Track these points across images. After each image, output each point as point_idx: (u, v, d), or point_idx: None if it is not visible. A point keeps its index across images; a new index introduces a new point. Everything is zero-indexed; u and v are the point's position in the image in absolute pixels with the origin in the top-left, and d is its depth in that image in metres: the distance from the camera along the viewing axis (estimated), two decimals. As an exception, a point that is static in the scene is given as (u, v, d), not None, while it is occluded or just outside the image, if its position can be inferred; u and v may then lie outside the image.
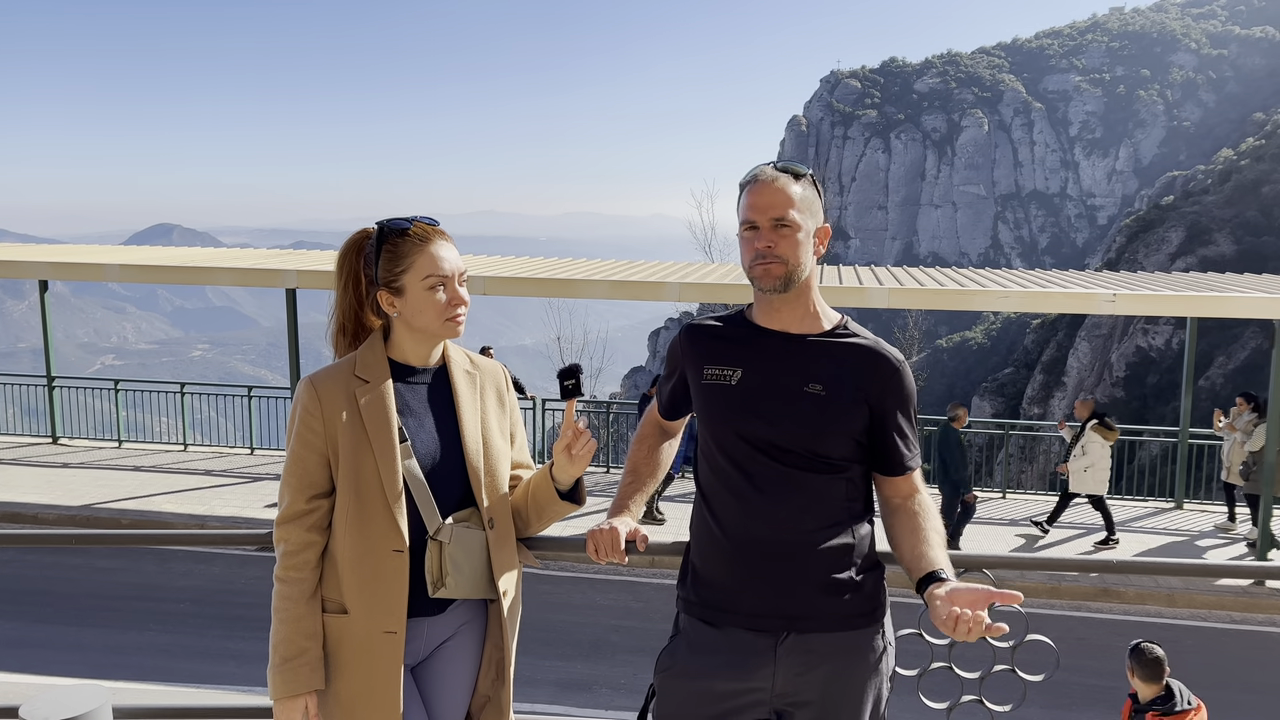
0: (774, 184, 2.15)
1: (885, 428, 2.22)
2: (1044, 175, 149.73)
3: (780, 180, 2.16)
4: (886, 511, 2.30)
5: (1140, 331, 59.48)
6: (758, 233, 2.15)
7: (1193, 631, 9.14)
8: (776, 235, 2.14)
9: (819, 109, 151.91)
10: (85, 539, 3.05)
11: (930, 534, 2.18)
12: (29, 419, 15.97)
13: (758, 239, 2.15)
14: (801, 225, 2.15)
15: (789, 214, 2.13)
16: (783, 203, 2.13)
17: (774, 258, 2.14)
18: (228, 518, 11.43)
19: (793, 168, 2.19)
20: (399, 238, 2.27)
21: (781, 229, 2.14)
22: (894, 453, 2.24)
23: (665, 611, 9.01)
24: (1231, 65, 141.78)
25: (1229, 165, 78.17)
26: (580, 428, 2.33)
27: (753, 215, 2.16)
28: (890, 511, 2.28)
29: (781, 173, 2.17)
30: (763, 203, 2.14)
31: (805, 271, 2.18)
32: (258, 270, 12.98)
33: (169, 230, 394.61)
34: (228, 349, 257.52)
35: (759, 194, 2.15)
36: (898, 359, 2.23)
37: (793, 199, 2.14)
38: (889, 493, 2.29)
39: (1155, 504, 13.21)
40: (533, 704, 7.02)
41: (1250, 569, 2.85)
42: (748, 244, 2.17)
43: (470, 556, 2.31)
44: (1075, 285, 11.85)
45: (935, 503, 2.28)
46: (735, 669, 2.20)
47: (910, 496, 2.26)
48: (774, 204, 2.13)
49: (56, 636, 8.28)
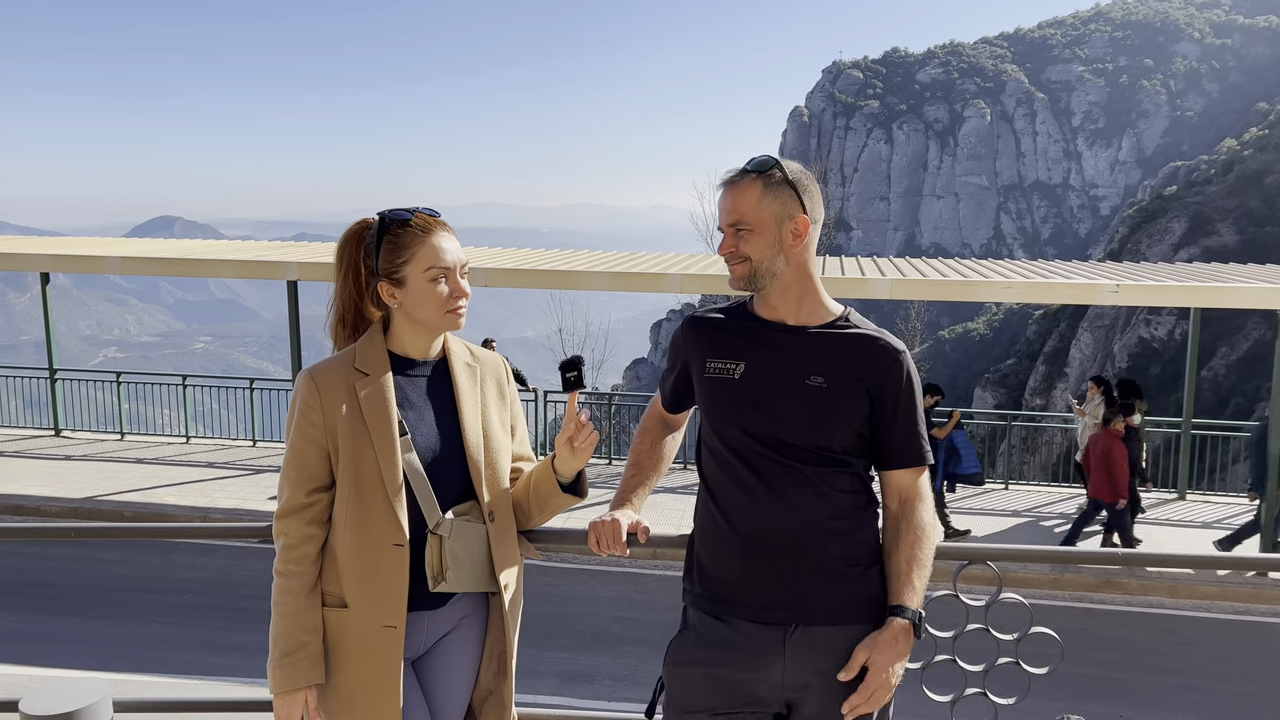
0: (732, 187, 2.21)
1: (883, 418, 2.21)
2: (1047, 166, 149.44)
3: (742, 182, 2.20)
4: (885, 516, 2.28)
5: (1143, 322, 59.44)
6: (724, 237, 2.23)
7: (1196, 622, 9.13)
8: (737, 239, 2.20)
9: (821, 99, 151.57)
10: (87, 531, 3.05)
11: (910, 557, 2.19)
12: (31, 411, 15.98)
13: (723, 243, 2.23)
14: (761, 225, 2.18)
15: (744, 217, 2.18)
16: (738, 206, 2.19)
17: (737, 258, 2.21)
18: (230, 510, 11.44)
19: (762, 164, 2.20)
20: (400, 229, 2.25)
21: (741, 231, 2.19)
22: (889, 445, 2.23)
23: (667, 603, 9.03)
24: (1235, 55, 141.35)
25: (1232, 155, 77.96)
26: (582, 420, 2.32)
27: (720, 220, 2.24)
28: (886, 518, 2.27)
29: (747, 172, 2.20)
30: (724, 206, 2.22)
31: (775, 268, 2.20)
32: (259, 262, 12.97)
33: (170, 223, 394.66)
34: (230, 341, 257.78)
35: (722, 198, 2.22)
36: (897, 348, 2.23)
37: (750, 200, 2.18)
38: (887, 493, 2.27)
39: (1158, 495, 13.19)
40: (535, 695, 7.02)
41: (1254, 560, 2.84)
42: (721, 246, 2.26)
43: (470, 550, 2.30)
44: (1078, 276, 11.81)
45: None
46: (745, 662, 2.20)
47: (905, 503, 2.24)
48: (732, 207, 2.20)
49: (58, 629, 8.29)
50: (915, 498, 2.25)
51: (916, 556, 2.19)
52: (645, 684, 7.46)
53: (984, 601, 2.64)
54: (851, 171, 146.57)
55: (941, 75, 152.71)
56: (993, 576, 2.61)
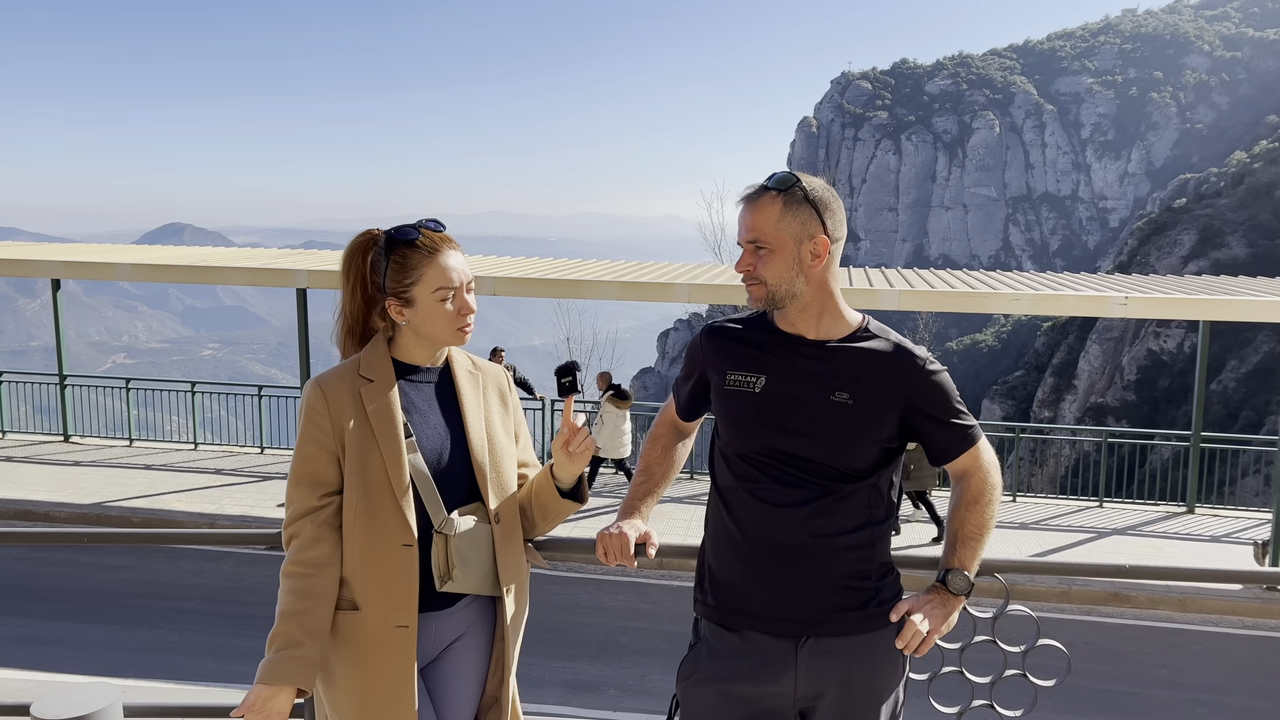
0: (752, 205, 2.17)
1: (923, 426, 2.23)
2: (1055, 177, 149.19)
3: (761, 200, 2.15)
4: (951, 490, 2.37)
5: (1152, 335, 59.29)
6: (742, 254, 2.20)
7: (1204, 636, 9.09)
8: (755, 258, 2.17)
9: (830, 110, 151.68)
10: (96, 537, 3.06)
11: (955, 531, 2.28)
12: (41, 417, 16.05)
13: (741, 260, 2.20)
14: (780, 245, 2.14)
15: (765, 238, 2.15)
16: (758, 225, 2.15)
17: (753, 279, 2.18)
18: (238, 516, 11.46)
19: (783, 181, 2.16)
20: (407, 248, 2.26)
21: (759, 251, 2.16)
22: (935, 445, 2.27)
23: (674, 613, 9.03)
24: (1245, 67, 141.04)
25: (1242, 168, 77.79)
26: (577, 425, 2.32)
27: (738, 237, 2.20)
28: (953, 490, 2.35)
29: (766, 189, 2.16)
30: (743, 224, 2.18)
31: (794, 289, 2.17)
32: (268, 270, 13.01)
33: (180, 230, 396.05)
34: (238, 348, 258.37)
35: (741, 215, 2.19)
36: (922, 357, 2.22)
37: (770, 219, 2.14)
38: (950, 475, 2.35)
39: (1167, 508, 13.14)
40: (540, 705, 7.01)
41: (1263, 575, 2.84)
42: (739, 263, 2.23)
43: (477, 550, 2.31)
44: (1087, 288, 11.80)
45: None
46: (757, 674, 2.20)
47: (962, 480, 2.30)
48: (751, 226, 2.16)
49: (67, 634, 8.31)
50: (970, 473, 2.29)
51: (965, 528, 2.26)
52: (651, 694, 7.45)
53: (991, 613, 2.63)
54: (860, 182, 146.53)
55: (950, 86, 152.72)
56: (1000, 589, 2.60)
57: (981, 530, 2.25)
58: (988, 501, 2.26)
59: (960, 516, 2.27)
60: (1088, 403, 60.86)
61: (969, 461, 2.27)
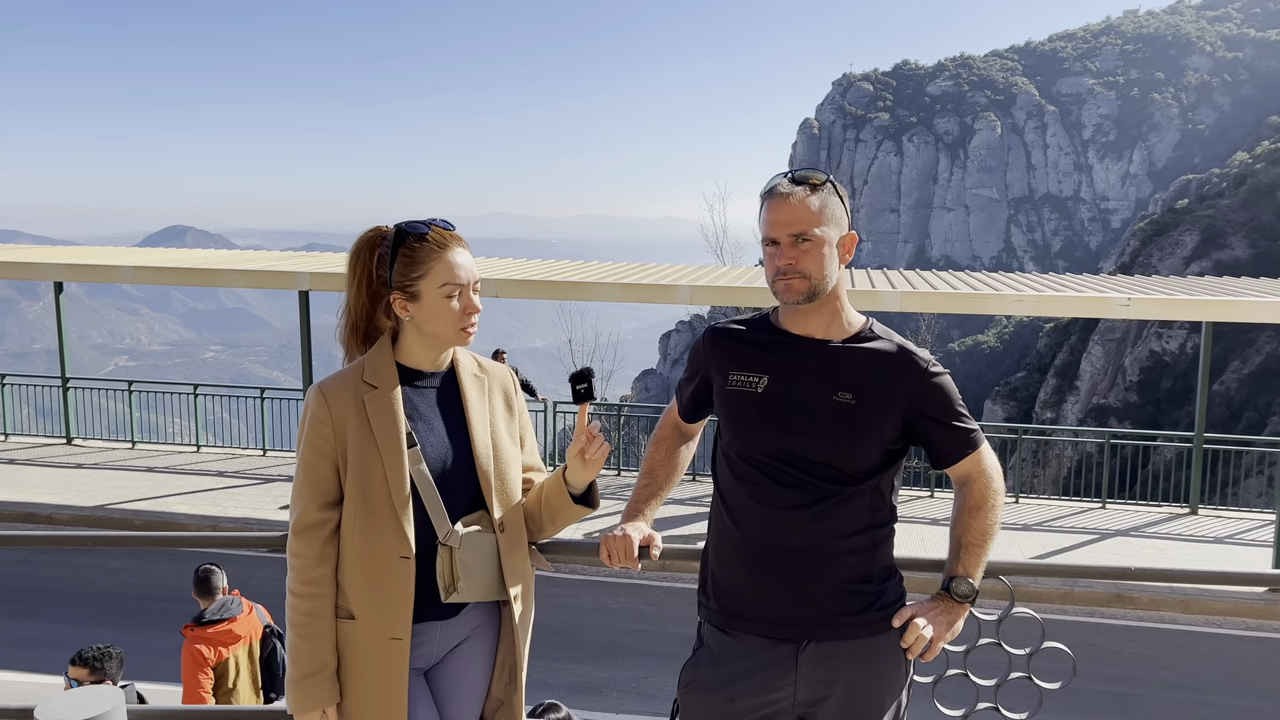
0: (790, 199, 2.13)
1: (925, 429, 2.22)
2: (1057, 178, 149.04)
3: (797, 194, 2.13)
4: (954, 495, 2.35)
5: (1154, 336, 59.20)
6: (779, 249, 2.14)
7: (1208, 638, 9.07)
8: (797, 251, 2.13)
9: (831, 111, 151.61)
10: (99, 540, 3.06)
11: (959, 537, 2.26)
12: (43, 419, 16.06)
13: (779, 255, 2.14)
14: (824, 238, 2.13)
15: (810, 230, 2.12)
16: (802, 218, 2.12)
17: (795, 273, 2.13)
18: (240, 519, 11.46)
19: (811, 176, 2.16)
20: (417, 243, 2.26)
21: (803, 244, 2.13)
22: (937, 448, 2.26)
23: (676, 615, 9.02)
24: (1247, 68, 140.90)
25: (1244, 169, 77.68)
26: (593, 431, 2.31)
27: (773, 232, 2.15)
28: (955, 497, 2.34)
29: (798, 184, 2.14)
30: (782, 219, 2.13)
31: (831, 283, 2.17)
32: (271, 272, 13.02)
33: (182, 232, 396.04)
34: (240, 351, 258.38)
35: (778, 209, 2.14)
36: (925, 360, 2.21)
37: (812, 212, 2.12)
38: (952, 479, 2.34)
39: (1170, 509, 13.12)
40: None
41: (1267, 576, 2.83)
42: (770, 260, 2.17)
43: (481, 561, 2.30)
44: (1089, 289, 11.79)
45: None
46: (758, 680, 2.19)
47: (965, 485, 2.28)
48: (793, 220, 2.12)
49: (69, 636, 8.30)
50: (973, 479, 2.27)
51: (969, 534, 2.26)
52: (654, 696, 7.44)
53: (996, 616, 2.63)
54: (861, 184, 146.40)
55: (952, 88, 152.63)
56: (1004, 591, 2.60)
57: (985, 536, 2.24)
58: (991, 507, 2.25)
59: (964, 523, 2.26)
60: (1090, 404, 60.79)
61: (971, 466, 2.27)
